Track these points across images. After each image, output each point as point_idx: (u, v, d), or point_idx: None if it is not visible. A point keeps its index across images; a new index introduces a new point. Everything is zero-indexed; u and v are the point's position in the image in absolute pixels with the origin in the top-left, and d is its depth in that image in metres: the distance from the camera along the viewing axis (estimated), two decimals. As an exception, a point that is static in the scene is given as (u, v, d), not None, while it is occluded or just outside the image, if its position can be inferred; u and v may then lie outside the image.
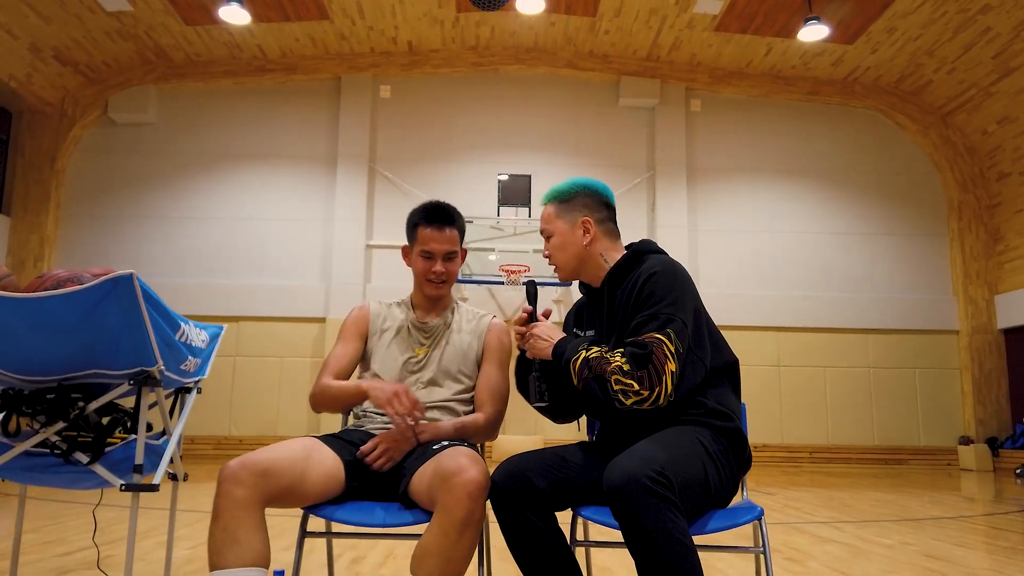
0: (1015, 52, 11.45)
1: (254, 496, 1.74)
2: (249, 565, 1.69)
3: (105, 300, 2.16)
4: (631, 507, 1.52)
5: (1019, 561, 3.89)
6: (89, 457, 2.35)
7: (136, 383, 2.36)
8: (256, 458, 1.78)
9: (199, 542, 4.10)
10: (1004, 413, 12.63)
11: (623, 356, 1.79)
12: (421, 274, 2.29)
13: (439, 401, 2.21)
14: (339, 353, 2.33)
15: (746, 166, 13.31)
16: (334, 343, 2.40)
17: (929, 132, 13.41)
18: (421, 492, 1.85)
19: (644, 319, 1.84)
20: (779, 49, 12.59)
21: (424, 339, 2.31)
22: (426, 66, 13.18)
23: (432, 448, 1.97)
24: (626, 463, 1.59)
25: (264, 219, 12.81)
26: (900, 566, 3.72)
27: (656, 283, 1.87)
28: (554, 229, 2.10)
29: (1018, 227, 12.64)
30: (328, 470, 1.90)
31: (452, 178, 12.98)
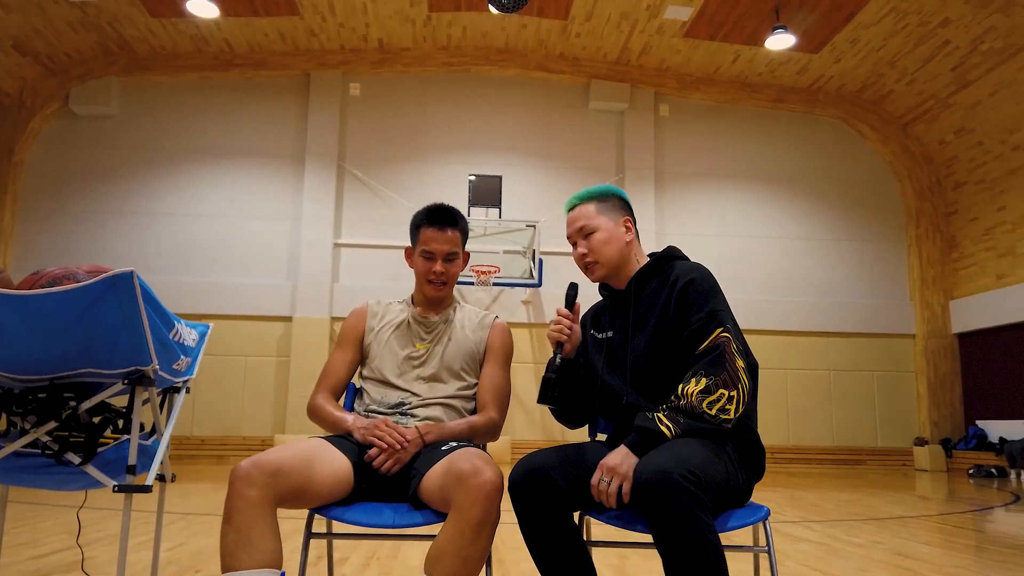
0: (972, 65, 11.80)
1: (266, 497, 1.73)
2: (263, 566, 1.68)
3: (103, 298, 2.13)
4: (664, 503, 1.55)
5: (985, 559, 4.02)
6: (81, 458, 2.30)
7: (130, 382, 2.32)
8: (268, 458, 1.77)
9: (177, 543, 4.03)
10: (958, 415, 13.01)
11: (693, 380, 1.81)
12: (422, 274, 2.30)
13: (441, 397, 2.21)
14: (335, 362, 2.33)
15: (713, 171, 13.51)
16: (334, 348, 2.39)
17: (889, 141, 13.75)
18: (432, 493, 1.86)
19: (702, 320, 1.89)
20: (746, 56, 12.80)
21: (425, 334, 2.31)
22: (397, 64, 13.12)
23: (440, 449, 1.97)
24: (660, 460, 1.62)
25: (229, 216, 12.62)
26: (873, 564, 3.81)
27: (701, 286, 1.94)
28: (598, 224, 2.08)
29: (973, 235, 13.03)
30: (336, 471, 1.90)
31: (422, 178, 12.94)
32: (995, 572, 3.64)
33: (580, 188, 12.37)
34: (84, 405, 2.31)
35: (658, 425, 1.75)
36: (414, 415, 2.18)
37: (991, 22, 10.89)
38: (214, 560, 3.60)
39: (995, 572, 3.64)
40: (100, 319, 2.15)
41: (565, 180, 13.11)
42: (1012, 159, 12.18)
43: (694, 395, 1.77)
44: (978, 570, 3.69)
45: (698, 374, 1.81)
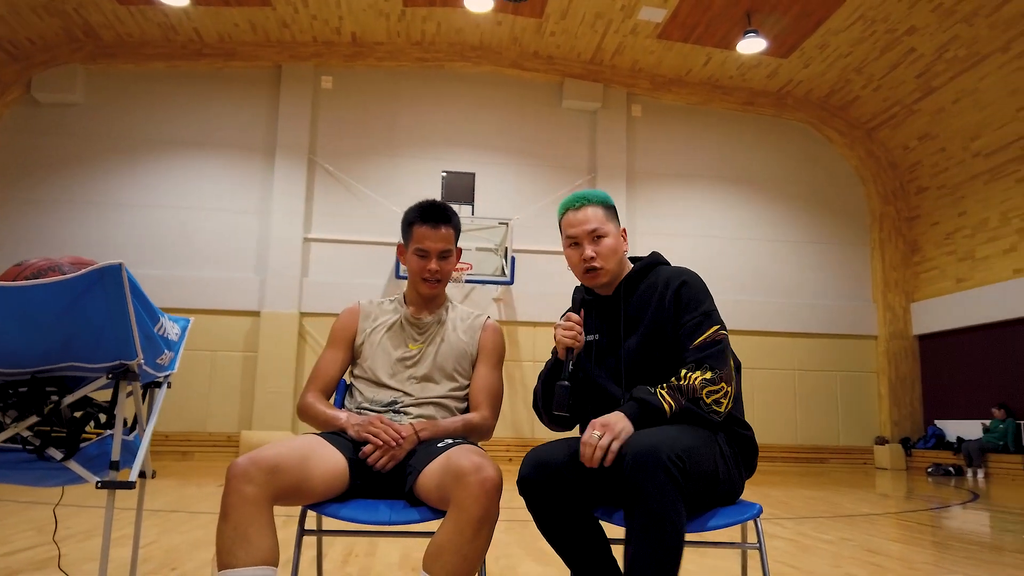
0: (936, 73, 12.07)
1: (264, 493, 1.71)
2: (260, 564, 1.66)
3: (90, 291, 2.08)
4: (643, 477, 1.59)
5: (952, 556, 4.13)
6: (63, 453, 2.25)
7: (114, 377, 2.27)
8: (264, 455, 1.75)
9: (149, 540, 3.97)
10: (917, 415, 13.32)
11: (697, 370, 1.85)
12: (416, 272, 2.28)
13: (434, 397, 2.21)
14: (327, 361, 2.30)
15: (683, 172, 13.64)
16: (325, 347, 2.37)
17: (855, 146, 14.00)
18: (429, 490, 1.85)
19: (698, 319, 1.93)
20: (718, 59, 12.94)
21: (418, 335, 2.30)
22: (370, 58, 13.02)
23: (436, 446, 1.97)
24: (650, 438, 1.66)
25: (197, 208, 12.42)
26: (846, 561, 3.89)
27: (694, 287, 1.99)
28: (609, 230, 2.09)
29: (934, 239, 13.34)
30: (332, 468, 1.88)
31: (394, 173, 12.87)
32: (963, 568, 3.73)
33: (553, 186, 12.36)
34: (67, 399, 2.26)
35: (659, 399, 1.78)
36: (407, 413, 2.17)
37: (955, 31, 11.15)
38: (188, 557, 3.55)
39: (963, 568, 3.73)
40: (86, 312, 2.10)
41: (538, 178, 13.13)
42: (973, 165, 12.49)
43: (698, 380, 1.82)
44: (947, 566, 3.78)
45: (703, 365, 1.86)
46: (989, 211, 12.16)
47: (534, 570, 3.45)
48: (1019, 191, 11.62)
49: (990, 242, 12.10)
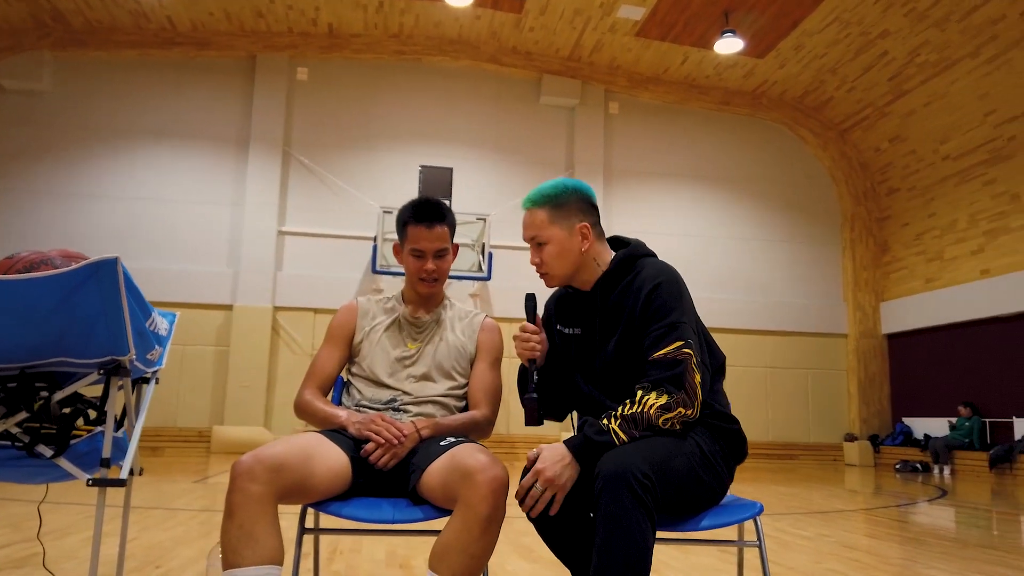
0: (908, 76, 12.27)
1: (269, 492, 1.68)
2: (267, 563, 1.64)
3: (85, 285, 2.04)
4: (611, 499, 1.58)
5: (928, 551, 4.21)
6: (53, 450, 2.20)
7: (106, 372, 2.23)
8: (269, 453, 1.73)
9: (131, 538, 3.90)
10: (885, 413, 13.56)
11: (654, 392, 1.79)
12: (413, 273, 2.26)
13: (433, 396, 2.19)
14: (324, 358, 2.28)
15: (660, 170, 13.72)
16: (321, 344, 2.34)
17: (828, 147, 14.19)
18: (434, 488, 1.84)
19: (662, 331, 1.85)
20: (695, 59, 13.03)
21: (416, 334, 2.29)
22: (346, 50, 12.91)
23: (439, 444, 1.95)
24: (622, 456, 1.64)
25: (168, 200, 12.22)
26: (826, 557, 3.95)
27: (663, 292, 1.89)
28: (550, 236, 1.96)
29: (904, 240, 13.57)
30: (334, 466, 1.86)
31: (371, 167, 12.79)
32: (940, 564, 3.81)
33: (531, 182, 12.35)
34: (57, 395, 2.21)
35: (612, 437, 1.73)
36: (407, 411, 2.15)
37: (927, 35, 11.35)
38: (172, 554, 3.50)
39: (940, 564, 3.81)
40: (80, 306, 2.06)
41: (516, 174, 13.13)
42: (943, 168, 12.72)
43: (653, 408, 1.76)
44: (924, 561, 3.85)
45: (660, 388, 1.79)
46: (958, 213, 12.41)
47: (522, 567, 3.46)
48: (986, 194, 11.86)
49: (958, 243, 12.34)
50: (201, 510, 5.14)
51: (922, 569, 3.64)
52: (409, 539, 4.07)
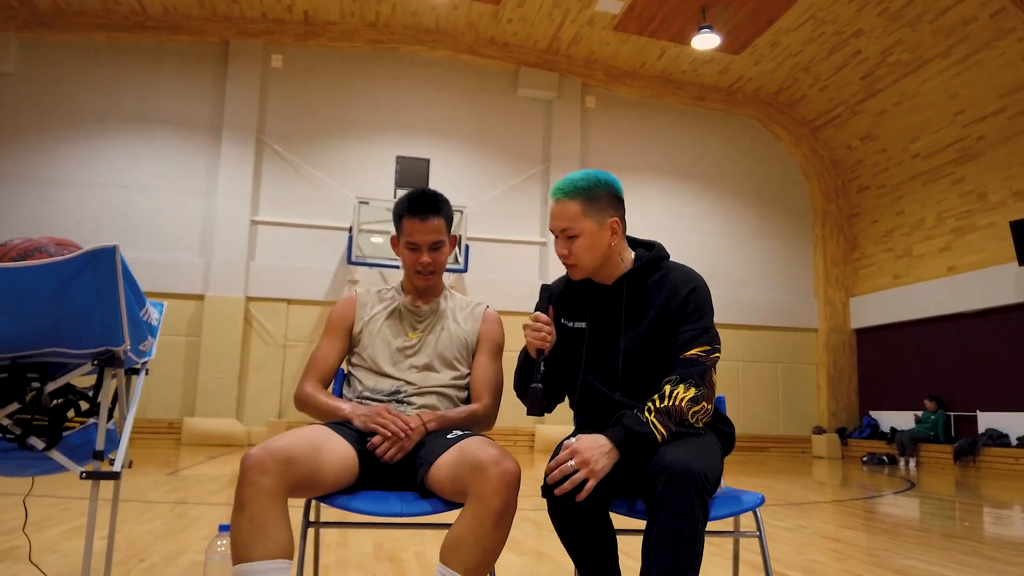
0: (880, 76, 12.45)
1: (280, 485, 1.66)
2: (278, 557, 1.62)
3: (82, 274, 1.99)
4: (678, 494, 1.61)
5: (905, 542, 4.30)
6: (45, 442, 2.15)
7: (100, 363, 2.18)
8: (279, 445, 1.70)
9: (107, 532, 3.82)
10: (853, 406, 13.81)
11: (682, 385, 1.84)
12: (409, 266, 2.24)
13: (435, 386, 2.18)
14: (324, 350, 2.25)
15: (636, 165, 13.78)
16: (321, 336, 2.31)
17: (800, 144, 14.37)
18: (442, 481, 1.83)
19: (696, 332, 1.92)
20: (672, 54, 13.09)
21: (417, 323, 2.27)
22: (322, 38, 12.76)
23: (446, 437, 1.94)
24: (686, 456, 1.67)
25: (138, 187, 12.00)
26: (808, 548, 4.01)
27: (699, 297, 1.96)
28: (581, 229, 1.96)
29: (873, 236, 13.80)
30: (342, 459, 1.84)
31: (347, 156, 12.67)
32: (917, 554, 3.89)
33: (508, 175, 12.31)
34: (49, 386, 2.16)
35: (652, 429, 1.76)
36: (411, 403, 2.14)
37: (900, 35, 11.52)
38: (154, 548, 3.45)
39: (917, 554, 3.89)
40: (75, 296, 2.01)
41: (492, 166, 13.10)
42: (912, 166, 12.95)
43: (684, 401, 1.81)
44: (903, 552, 3.93)
45: (688, 381, 1.85)
46: (926, 211, 12.64)
47: (510, 560, 3.46)
48: (954, 192, 12.10)
49: (926, 241, 12.58)
50: (177, 503, 5.07)
51: (901, 560, 3.72)
52: (396, 532, 4.06)
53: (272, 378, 11.93)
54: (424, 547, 3.70)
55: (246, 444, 11.42)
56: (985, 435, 10.88)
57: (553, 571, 3.26)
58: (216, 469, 7.65)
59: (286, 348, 12.08)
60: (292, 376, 12.02)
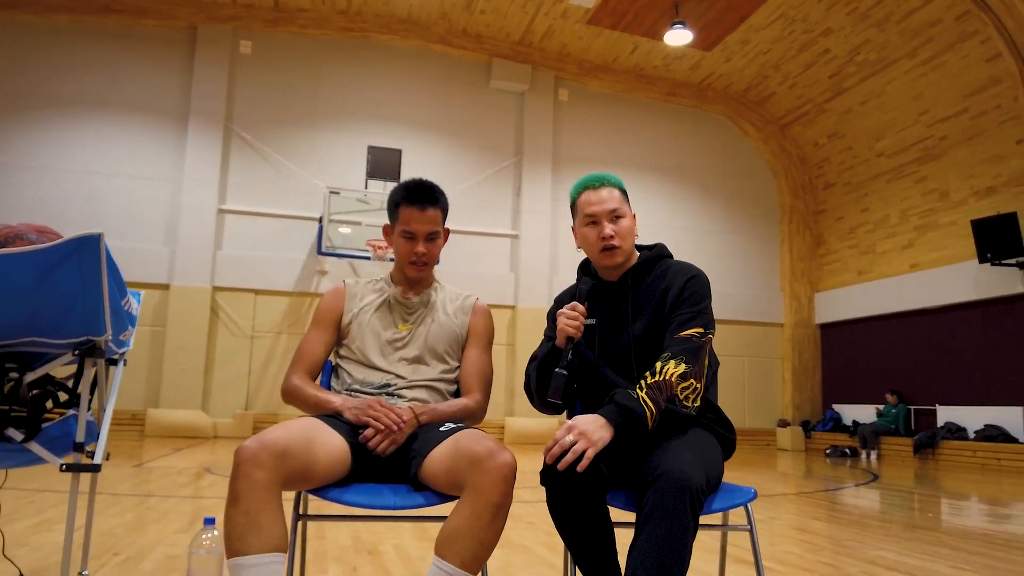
0: (848, 74, 12.65)
1: (274, 478, 1.64)
2: (272, 550, 1.60)
3: (66, 262, 1.95)
4: (674, 496, 1.63)
5: (873, 533, 4.39)
6: (24, 434, 2.10)
7: (81, 353, 2.13)
8: (273, 438, 1.68)
9: (78, 524, 3.75)
10: (817, 400, 14.05)
11: (672, 361, 1.88)
12: (403, 256, 2.23)
13: (425, 380, 2.17)
14: (312, 342, 2.22)
15: (607, 158, 13.82)
16: (308, 327, 2.28)
17: (769, 140, 14.54)
18: (437, 474, 1.82)
19: (690, 315, 1.99)
20: (644, 49, 13.15)
21: (407, 315, 2.25)
22: (292, 25, 12.58)
23: (439, 431, 1.93)
24: (686, 466, 1.69)
25: (102, 174, 11.74)
26: (781, 539, 4.08)
27: (697, 285, 2.06)
28: (626, 212, 2.13)
29: (838, 233, 14.04)
30: (334, 452, 1.82)
31: (316, 145, 12.52)
32: (886, 544, 3.98)
33: (480, 167, 12.29)
34: (29, 377, 2.10)
35: (642, 405, 1.79)
36: (401, 396, 2.12)
37: (868, 35, 11.70)
38: (128, 541, 3.39)
39: (886, 544, 3.98)
40: (58, 284, 1.97)
41: (465, 158, 13.06)
42: (877, 164, 13.18)
43: (673, 376, 1.86)
44: (872, 543, 4.02)
45: (678, 357, 1.89)
46: (890, 208, 12.88)
47: (495, 552, 3.46)
48: (917, 191, 12.35)
49: (890, 238, 12.83)
50: (146, 495, 4.99)
51: (871, 551, 3.80)
52: (374, 525, 4.04)
53: (239, 369, 11.77)
54: (402, 540, 3.69)
55: (212, 436, 11.27)
56: (944, 428, 11.15)
57: (532, 563, 3.27)
58: (183, 461, 7.54)
59: (253, 339, 11.93)
60: (259, 367, 11.88)
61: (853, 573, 3.26)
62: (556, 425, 11.85)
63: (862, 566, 3.40)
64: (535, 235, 13.01)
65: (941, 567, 3.44)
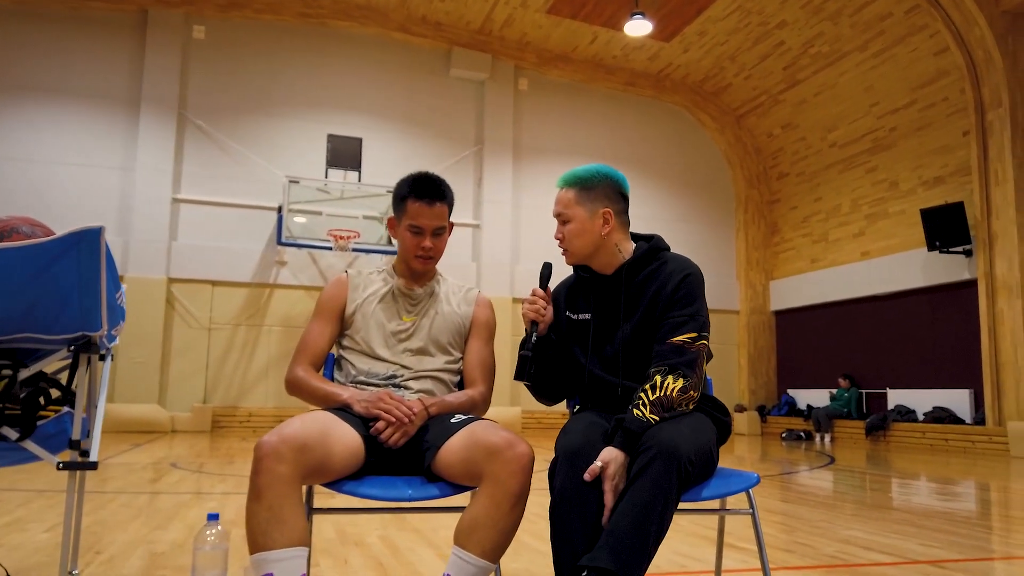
0: (802, 66, 12.91)
1: (295, 472, 1.63)
2: (295, 544, 1.59)
3: (65, 256, 1.90)
4: (663, 467, 1.71)
5: (840, 514, 4.54)
6: (19, 432, 2.05)
7: (76, 349, 2.09)
8: (292, 432, 1.67)
9: (54, 523, 3.66)
10: (772, 385, 14.39)
11: (671, 376, 1.92)
12: (409, 250, 2.22)
13: (429, 371, 2.17)
14: (315, 334, 2.20)
15: (567, 148, 13.89)
16: (310, 319, 2.26)
17: (725, 131, 14.77)
18: (452, 465, 1.83)
19: (684, 319, 2.00)
20: (603, 39, 13.22)
21: (411, 307, 2.25)
22: (247, 10, 12.32)
23: (450, 422, 1.94)
24: (678, 437, 1.77)
25: (51, 162, 11.37)
26: (755, 521, 4.18)
27: (691, 284, 2.05)
28: (573, 215, 2.09)
29: (792, 222, 14.35)
30: (350, 445, 1.82)
31: (274, 133, 12.31)
32: (855, 524, 4.12)
33: (441, 156, 12.24)
34: (23, 373, 2.05)
35: (649, 423, 1.86)
36: (408, 387, 2.12)
37: (821, 28, 11.95)
38: (106, 539, 3.32)
39: (855, 524, 4.12)
40: (56, 279, 1.92)
41: (426, 147, 12.98)
42: (829, 155, 13.50)
43: (674, 392, 1.92)
44: (842, 523, 4.15)
45: (676, 372, 1.94)
46: (841, 198, 13.22)
47: (477, 540, 3.48)
48: (868, 181, 12.69)
49: (841, 226, 13.17)
50: (116, 492, 4.89)
51: (843, 531, 3.92)
52: (356, 518, 4.03)
53: (196, 362, 11.56)
54: (386, 531, 3.69)
55: (170, 431, 11.05)
56: (895, 411, 11.53)
57: (517, 550, 3.30)
58: (145, 457, 7.40)
59: (211, 331, 11.71)
60: (217, 360, 11.67)
61: (831, 552, 3.37)
62: None
63: (838, 545, 3.52)
64: (497, 225, 13.02)
65: (911, 544, 3.57)
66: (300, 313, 12.03)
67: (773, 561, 3.18)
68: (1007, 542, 3.74)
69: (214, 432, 11.20)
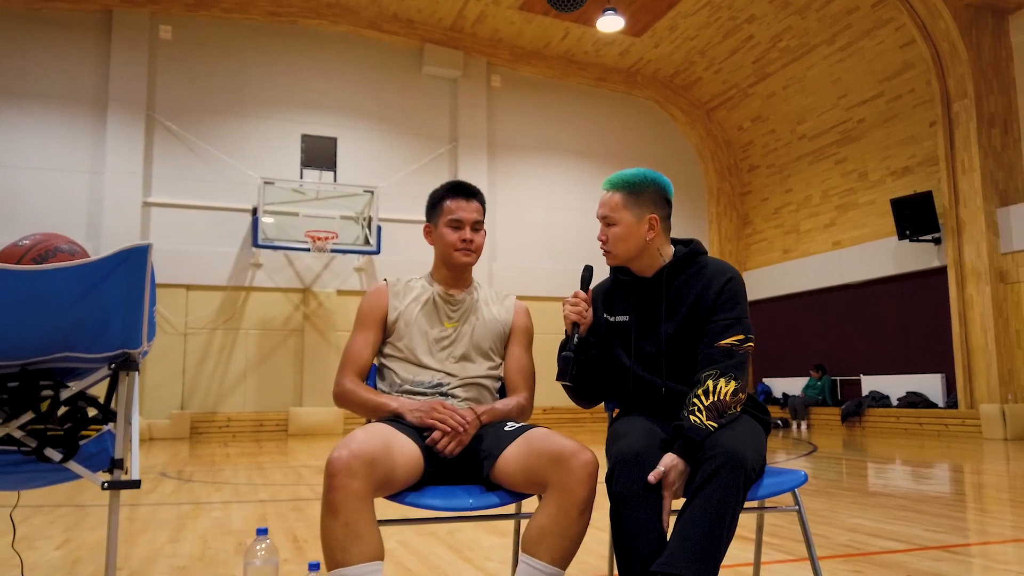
0: (771, 60, 13.09)
1: (368, 487, 1.63)
2: (373, 559, 1.59)
3: (113, 274, 1.87)
4: (730, 474, 1.75)
5: (840, 502, 4.64)
6: (62, 453, 2.01)
7: (116, 367, 2.06)
8: (361, 447, 1.66)
9: (63, 540, 3.59)
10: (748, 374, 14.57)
11: (723, 379, 1.96)
12: (451, 244, 2.22)
13: (473, 377, 2.17)
14: (359, 344, 2.19)
15: (540, 144, 13.92)
16: (352, 329, 2.25)
17: (696, 125, 14.92)
18: (513, 473, 1.84)
19: (730, 322, 2.04)
20: (575, 34, 13.26)
21: (452, 313, 2.25)
22: (215, 9, 12.13)
23: (504, 430, 1.95)
24: (741, 445, 1.82)
25: (15, 167, 11.08)
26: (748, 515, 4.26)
27: (735, 288, 2.08)
28: (619, 219, 2.12)
29: (764, 214, 14.57)
30: (411, 456, 1.82)
31: (246, 134, 12.15)
32: (858, 512, 4.22)
33: (416, 154, 12.22)
34: (64, 393, 2.01)
35: (708, 431, 1.90)
36: (455, 395, 2.13)
37: (789, 22, 12.13)
38: (120, 555, 3.27)
39: (858, 512, 4.22)
40: (102, 297, 1.89)
41: (401, 146, 12.91)
42: (799, 147, 13.72)
43: (727, 396, 1.95)
44: (844, 511, 4.25)
45: (728, 375, 1.98)
46: (812, 189, 13.45)
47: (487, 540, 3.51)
48: (838, 172, 12.93)
49: (812, 217, 13.40)
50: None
51: (848, 519, 4.01)
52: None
53: (173, 368, 11.38)
54: (403, 536, 3.68)
55: (147, 438, 10.87)
56: (869, 397, 11.78)
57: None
58: (131, 466, 7.26)
59: (187, 336, 11.54)
60: (194, 365, 11.50)
61: (844, 541, 3.45)
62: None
63: (848, 535, 3.60)
64: (473, 222, 12.99)
65: (916, 530, 3.67)
66: (277, 316, 11.91)
67: (791, 552, 3.25)
68: (1015, 526, 3.85)
69: (193, 439, 11.04)
